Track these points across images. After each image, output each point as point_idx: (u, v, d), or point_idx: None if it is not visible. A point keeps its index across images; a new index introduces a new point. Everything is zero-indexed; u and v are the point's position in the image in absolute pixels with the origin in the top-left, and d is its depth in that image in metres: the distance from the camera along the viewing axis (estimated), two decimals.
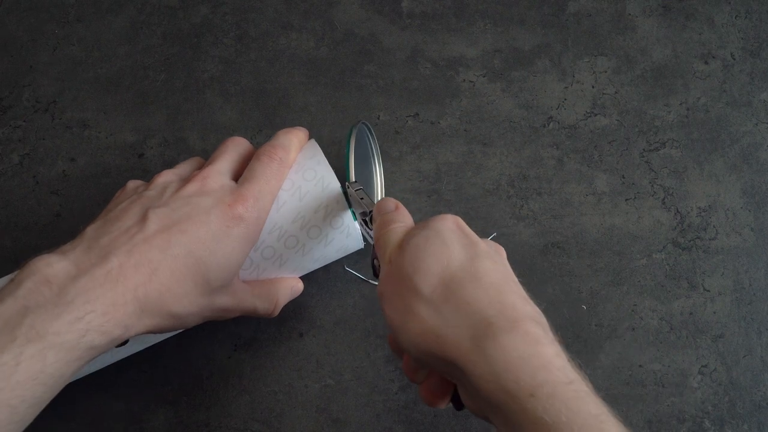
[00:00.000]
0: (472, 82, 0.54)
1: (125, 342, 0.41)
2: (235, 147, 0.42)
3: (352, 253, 0.47)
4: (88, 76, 0.54)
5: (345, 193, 0.42)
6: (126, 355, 0.43)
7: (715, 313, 0.48)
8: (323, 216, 0.41)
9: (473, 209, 0.50)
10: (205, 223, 0.36)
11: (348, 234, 0.42)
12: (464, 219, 0.49)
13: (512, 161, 0.52)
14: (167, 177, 0.40)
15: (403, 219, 0.37)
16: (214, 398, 0.45)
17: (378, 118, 0.53)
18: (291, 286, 0.43)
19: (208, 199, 0.37)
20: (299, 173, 0.41)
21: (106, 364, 0.43)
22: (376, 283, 0.47)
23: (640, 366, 0.46)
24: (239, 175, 0.40)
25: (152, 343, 0.44)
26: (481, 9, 0.57)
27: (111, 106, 0.53)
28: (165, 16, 0.56)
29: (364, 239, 0.44)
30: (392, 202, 0.38)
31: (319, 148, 0.43)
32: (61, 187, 0.51)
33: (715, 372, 0.46)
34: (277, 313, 0.42)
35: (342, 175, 0.42)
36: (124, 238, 0.34)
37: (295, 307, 0.47)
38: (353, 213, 0.42)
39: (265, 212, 0.39)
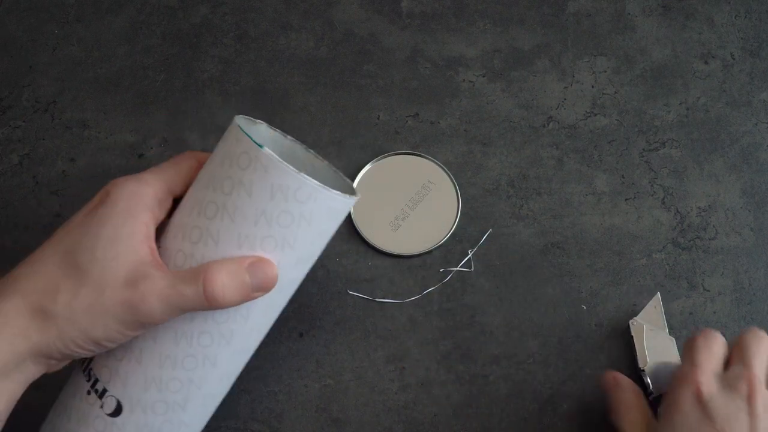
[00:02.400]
0: (471, 82, 0.54)
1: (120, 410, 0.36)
2: (184, 158, 0.38)
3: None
4: (88, 76, 0.54)
5: (241, 127, 0.35)
6: None
7: (715, 313, 0.48)
8: (229, 163, 0.34)
9: (473, 209, 0.50)
10: (76, 217, 0.35)
11: (265, 168, 0.33)
12: (464, 219, 0.50)
13: (512, 161, 0.52)
14: None
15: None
16: None
17: (378, 118, 0.53)
18: (247, 262, 0.34)
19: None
20: None
21: None
22: (381, 301, 0.47)
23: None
24: (179, 187, 0.37)
25: None
26: (481, 9, 0.57)
27: (111, 106, 0.53)
28: (164, 16, 0.56)
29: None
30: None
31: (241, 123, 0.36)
32: (61, 187, 0.51)
33: None
34: (218, 295, 0.33)
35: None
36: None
37: (295, 307, 0.47)
38: (253, 139, 0.34)
39: (139, 179, 0.35)
